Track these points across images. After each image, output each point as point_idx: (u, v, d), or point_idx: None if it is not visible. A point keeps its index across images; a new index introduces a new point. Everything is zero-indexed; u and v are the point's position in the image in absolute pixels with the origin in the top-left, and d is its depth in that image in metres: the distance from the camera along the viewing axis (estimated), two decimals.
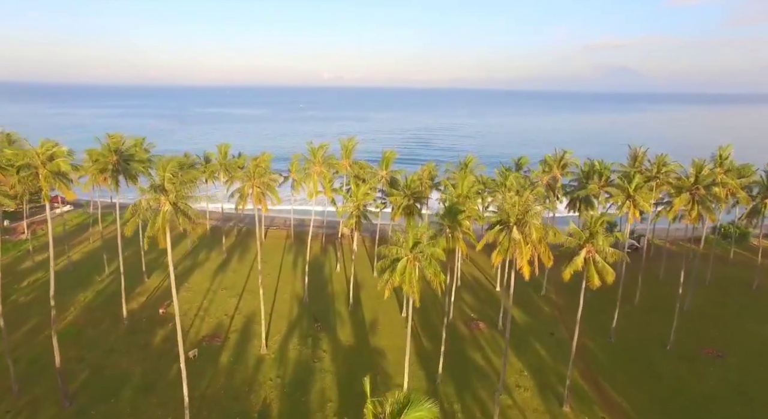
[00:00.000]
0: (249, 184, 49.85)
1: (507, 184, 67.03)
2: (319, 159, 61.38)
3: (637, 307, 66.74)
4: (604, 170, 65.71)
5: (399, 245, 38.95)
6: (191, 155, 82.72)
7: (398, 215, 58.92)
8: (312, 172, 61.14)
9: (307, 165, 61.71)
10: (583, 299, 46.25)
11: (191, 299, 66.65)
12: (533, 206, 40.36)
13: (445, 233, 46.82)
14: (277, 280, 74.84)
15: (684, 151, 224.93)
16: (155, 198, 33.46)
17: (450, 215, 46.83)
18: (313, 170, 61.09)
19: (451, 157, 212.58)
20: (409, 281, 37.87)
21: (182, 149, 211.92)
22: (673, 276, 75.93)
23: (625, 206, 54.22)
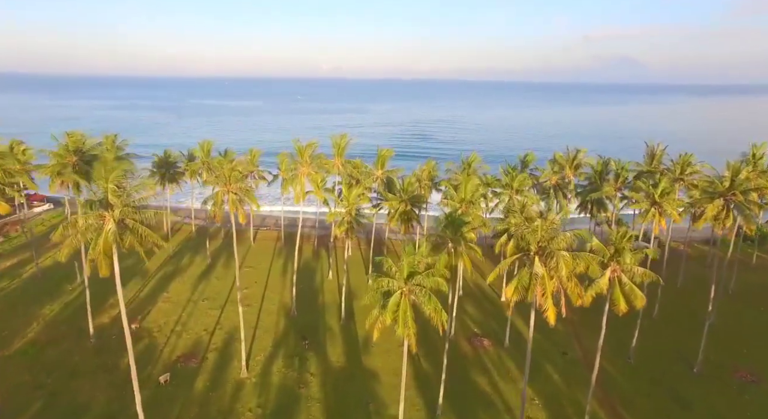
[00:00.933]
0: (224, 190, 43.99)
1: (514, 185, 61.23)
2: (307, 159, 55.53)
3: (656, 320, 61.06)
4: (622, 171, 59.71)
5: (391, 276, 33.07)
6: (173, 152, 76.75)
7: (394, 221, 53.13)
8: (299, 173, 55.26)
9: (293, 165, 55.85)
10: (602, 318, 40.53)
11: (169, 311, 60.97)
12: (559, 232, 33.93)
13: (446, 248, 41.02)
14: (264, 288, 69.21)
15: (688, 145, 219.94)
16: (97, 215, 27.54)
17: (452, 227, 40.99)
18: (301, 171, 55.22)
19: (452, 151, 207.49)
20: (404, 320, 31.95)
21: (175, 144, 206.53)
22: (693, 284, 70.39)
23: (650, 214, 48.41)
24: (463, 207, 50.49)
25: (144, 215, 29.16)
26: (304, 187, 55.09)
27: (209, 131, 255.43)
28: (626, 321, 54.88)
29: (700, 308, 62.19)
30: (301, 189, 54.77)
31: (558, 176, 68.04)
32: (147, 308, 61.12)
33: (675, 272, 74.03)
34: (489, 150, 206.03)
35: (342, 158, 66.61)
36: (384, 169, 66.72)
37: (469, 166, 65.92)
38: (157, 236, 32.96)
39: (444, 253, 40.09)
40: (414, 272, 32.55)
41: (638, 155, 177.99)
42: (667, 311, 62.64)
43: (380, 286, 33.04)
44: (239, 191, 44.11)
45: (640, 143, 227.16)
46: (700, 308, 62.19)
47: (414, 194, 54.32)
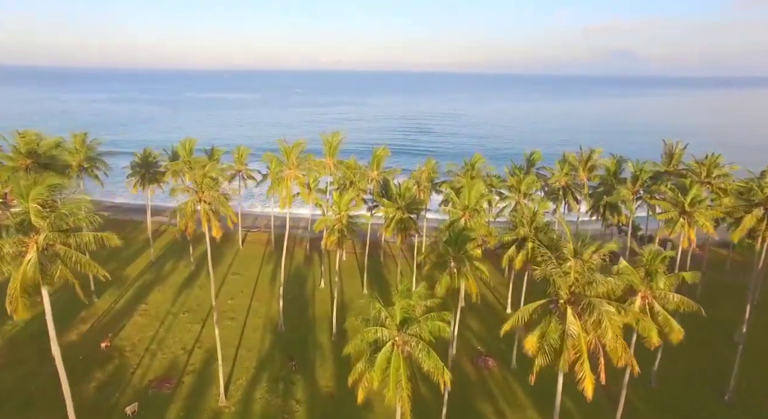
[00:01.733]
0: (195, 199, 38.74)
1: (522, 189, 55.92)
2: (294, 160, 50.22)
3: None
4: (641, 173, 54.25)
5: (381, 324, 27.67)
6: (154, 150, 71.38)
7: (390, 230, 47.91)
8: (285, 176, 50.01)
9: (278, 167, 50.61)
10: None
11: (145, 326, 55.85)
12: (597, 275, 27.36)
13: (449, 268, 35.81)
14: (250, 298, 64.16)
15: (692, 139, 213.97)
16: (16, 241, 22.26)
17: (455, 244, 35.74)
18: (287, 173, 49.96)
19: (453, 146, 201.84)
20: (396, 381, 26.15)
21: (167, 139, 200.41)
22: (714, 292, 65.12)
23: (678, 224, 43.16)
24: (466, 215, 45.25)
25: (81, 238, 23.81)
26: (290, 191, 49.85)
27: (204, 126, 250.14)
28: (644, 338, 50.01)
29: (725, 321, 57.16)
30: (287, 194, 49.51)
31: (568, 177, 62.71)
32: (121, 323, 55.99)
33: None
34: (491, 145, 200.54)
35: (334, 157, 61.34)
36: (379, 170, 61.42)
37: (472, 167, 60.51)
38: (97, 267, 27.56)
39: (446, 274, 34.90)
40: (409, 317, 27.10)
41: (644, 150, 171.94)
42: (688, 326, 57.26)
43: (366, 337, 27.63)
44: (213, 201, 38.86)
45: (644, 138, 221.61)
46: (725, 321, 57.16)
47: (412, 200, 48.99)
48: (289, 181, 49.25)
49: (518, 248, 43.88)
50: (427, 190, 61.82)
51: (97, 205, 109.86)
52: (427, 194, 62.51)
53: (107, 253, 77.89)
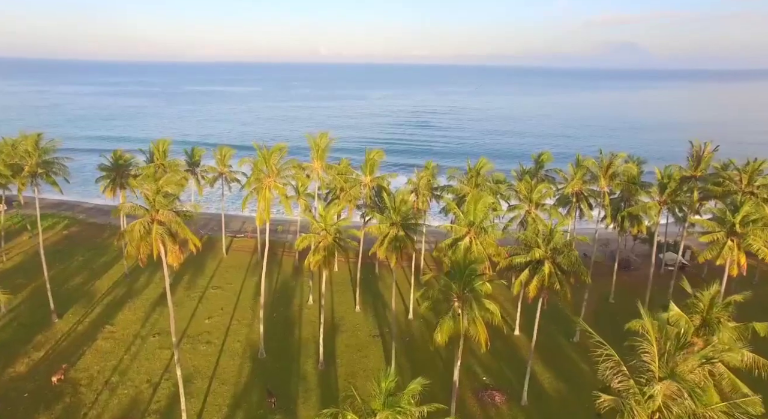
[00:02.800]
0: (147, 219, 32.32)
1: (534, 198, 49.49)
2: (273, 168, 43.79)
3: None
4: (670, 181, 47.70)
5: (357, 413, 20.78)
6: (125, 153, 64.80)
7: (384, 250, 41.55)
8: (263, 186, 43.59)
9: (256, 176, 44.22)
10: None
11: (108, 352, 49.60)
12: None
13: (451, 309, 29.50)
14: (231, 317, 57.92)
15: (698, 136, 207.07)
16: None
17: (460, 279, 29.41)
18: (264, 183, 43.55)
19: (453, 142, 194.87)
20: None
21: (154, 136, 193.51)
22: (741, 312, 59.11)
23: (725, 248, 36.85)
24: (471, 233, 38.91)
25: None
26: (269, 203, 43.45)
27: (197, 120, 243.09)
28: None
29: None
30: (265, 207, 43.12)
31: (581, 183, 56.27)
32: (81, 349, 49.70)
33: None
34: (493, 141, 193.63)
35: (323, 161, 54.91)
36: (373, 175, 54.94)
37: (477, 174, 53.94)
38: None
39: (448, 318, 28.62)
40: (394, 395, 20.50)
41: (652, 147, 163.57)
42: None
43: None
44: (168, 221, 32.49)
45: (652, 134, 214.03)
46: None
47: (408, 215, 42.56)
48: (267, 191, 42.90)
49: (532, 272, 37.62)
50: (426, 199, 55.52)
51: (75, 207, 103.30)
52: (427, 203, 56.19)
53: (77, 264, 72.13)
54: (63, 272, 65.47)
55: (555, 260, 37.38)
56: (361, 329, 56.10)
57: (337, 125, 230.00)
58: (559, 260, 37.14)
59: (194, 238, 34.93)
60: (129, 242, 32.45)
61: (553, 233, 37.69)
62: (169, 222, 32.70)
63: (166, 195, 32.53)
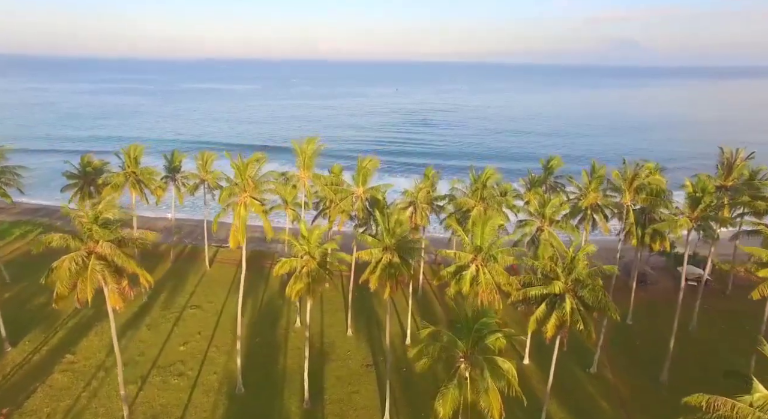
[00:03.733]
0: (81, 253, 26.51)
1: (547, 213, 43.66)
2: (249, 181, 38.03)
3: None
4: (704, 194, 41.76)
5: None
6: (94, 159, 58.99)
7: (376, 280, 35.75)
8: (239, 201, 37.88)
9: (230, 190, 38.49)
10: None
11: (64, 388, 43.85)
12: None
13: (457, 372, 23.74)
14: (208, 342, 52.19)
15: (702, 134, 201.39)
16: None
17: (468, 336, 23.66)
18: (240, 198, 37.82)
19: (454, 142, 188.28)
20: None
21: (148, 135, 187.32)
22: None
23: None
24: (477, 261, 33.14)
25: None
26: (244, 222, 37.77)
27: (192, 119, 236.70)
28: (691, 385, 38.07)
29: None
30: (239, 225, 37.43)
31: (601, 197, 50.50)
32: (33, 385, 43.90)
33: (743, 310, 57.06)
34: (495, 141, 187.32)
35: (310, 170, 49.18)
36: (366, 186, 49.12)
37: (483, 186, 48.01)
38: None
39: (452, 386, 22.87)
40: None
41: (657, 148, 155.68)
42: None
43: None
44: (111, 255, 26.69)
45: (657, 134, 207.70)
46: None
47: (404, 237, 36.71)
48: (241, 208, 37.20)
49: (550, 307, 31.88)
50: (425, 213, 49.78)
51: (54, 212, 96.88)
52: (426, 218, 50.42)
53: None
54: (26, 290, 59.70)
55: (577, 294, 31.64)
56: (353, 357, 50.41)
57: (336, 125, 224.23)
58: (582, 294, 31.41)
59: (144, 273, 29.13)
60: (58, 282, 26.62)
61: (575, 262, 31.93)
62: (111, 256, 26.88)
63: (107, 223, 26.73)
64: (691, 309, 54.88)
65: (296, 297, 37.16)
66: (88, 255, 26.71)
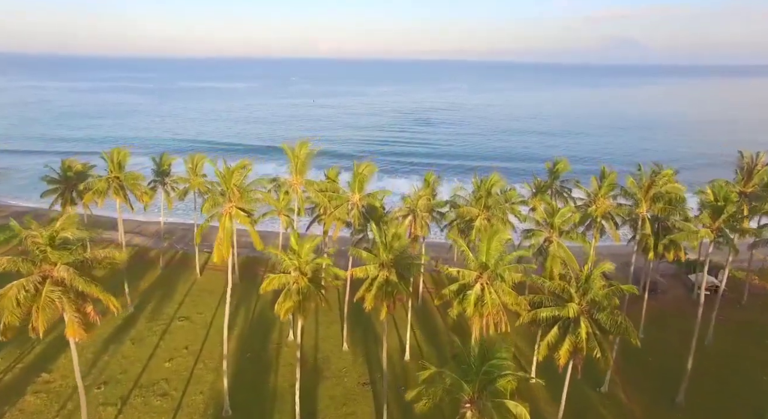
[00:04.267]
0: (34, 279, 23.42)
1: (556, 223, 40.66)
2: (234, 190, 35.02)
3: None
4: (726, 203, 38.56)
5: None
6: (77, 163, 56.02)
7: (372, 299, 32.79)
8: (223, 212, 34.93)
9: (213, 200, 35.49)
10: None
11: (35, 413, 40.91)
12: None
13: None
14: (196, 358, 49.24)
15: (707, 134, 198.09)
16: None
17: (476, 378, 20.69)
18: (225, 208, 34.89)
19: (455, 142, 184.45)
20: None
21: (144, 135, 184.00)
22: None
23: None
24: (483, 279, 30.18)
25: None
26: (229, 235, 34.78)
27: (189, 119, 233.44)
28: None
29: None
30: (223, 239, 34.44)
31: (607, 204, 47.47)
32: (2, 409, 40.95)
33: (763, 321, 54.19)
34: (497, 140, 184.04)
35: (302, 176, 46.19)
36: (362, 193, 46.10)
37: (488, 193, 44.94)
38: None
39: None
40: None
41: (663, 148, 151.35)
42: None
43: None
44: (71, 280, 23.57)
45: (660, 134, 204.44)
46: None
47: (403, 251, 33.72)
48: (226, 220, 34.24)
49: (563, 331, 28.91)
50: (425, 222, 46.77)
51: (41, 217, 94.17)
52: (426, 227, 47.35)
53: None
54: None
55: (593, 317, 28.65)
56: (349, 374, 47.47)
57: (336, 124, 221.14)
58: (598, 317, 28.44)
59: (110, 299, 26.15)
60: (6, 311, 23.58)
61: (591, 281, 28.93)
62: (69, 280, 23.88)
63: (66, 243, 23.73)
64: (707, 321, 51.87)
65: (285, 317, 34.23)
66: (42, 280, 23.72)
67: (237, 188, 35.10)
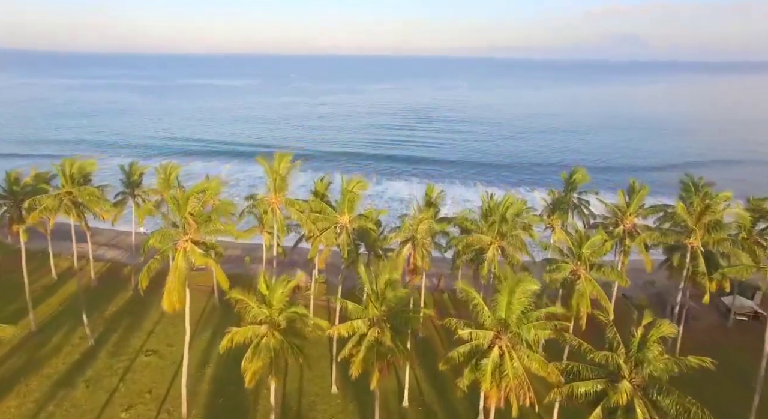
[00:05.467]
0: None
1: (585, 253, 33.54)
2: (190, 221, 27.80)
3: None
4: None
5: None
6: (39, 171, 49.03)
7: (359, 365, 25.78)
8: (177, 247, 27.92)
9: (163, 233, 28.49)
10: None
11: None
12: None
13: None
14: (160, 404, 42.29)
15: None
16: None
17: None
18: (179, 244, 27.87)
19: (457, 145, 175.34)
20: None
21: (135, 136, 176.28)
22: None
23: None
24: (503, 342, 23.18)
25: None
26: (182, 277, 27.73)
27: (185, 117, 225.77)
28: None
29: None
30: (174, 283, 27.37)
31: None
32: None
33: None
34: (502, 142, 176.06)
35: (282, 193, 39.14)
36: (352, 214, 38.97)
37: (503, 219, 37.52)
38: None
39: None
40: None
41: (668, 149, 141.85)
42: None
43: None
44: None
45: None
46: None
47: (399, 300, 26.60)
48: (179, 257, 27.20)
49: (608, 413, 21.90)
50: (426, 251, 39.57)
51: None
52: (427, 259, 40.01)
53: None
54: None
55: (650, 397, 21.64)
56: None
57: (335, 124, 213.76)
58: (658, 400, 21.43)
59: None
60: None
61: (646, 346, 21.92)
62: None
63: None
64: (744, 353, 44.78)
65: (251, 382, 27.18)
66: None
67: (194, 218, 28.04)
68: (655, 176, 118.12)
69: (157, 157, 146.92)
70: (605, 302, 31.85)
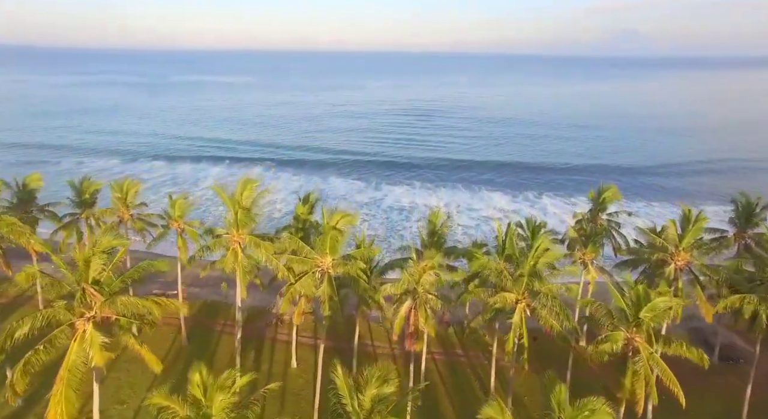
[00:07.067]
0: None
1: (644, 321, 24.96)
2: (93, 293, 19.23)
3: None
4: None
5: None
6: None
7: None
8: (77, 327, 19.40)
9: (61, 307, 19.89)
10: None
11: None
12: None
13: None
14: None
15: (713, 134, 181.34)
16: None
17: None
18: (79, 323, 19.15)
19: (460, 147, 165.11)
20: None
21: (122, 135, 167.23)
22: None
23: None
24: None
25: None
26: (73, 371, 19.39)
27: (177, 117, 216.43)
28: None
29: None
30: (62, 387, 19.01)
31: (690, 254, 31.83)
32: None
33: None
34: (507, 145, 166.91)
35: (246, 229, 30.60)
36: (336, 256, 30.36)
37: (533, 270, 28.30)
38: None
39: None
40: None
41: (669, 153, 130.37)
42: None
43: None
44: None
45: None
46: None
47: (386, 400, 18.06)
48: (77, 339, 18.65)
49: None
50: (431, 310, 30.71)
51: None
52: (431, 320, 30.93)
53: None
54: None
55: None
56: None
57: (333, 123, 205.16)
58: None
59: None
60: None
61: None
62: None
63: None
64: None
65: None
66: None
67: (97, 289, 19.45)
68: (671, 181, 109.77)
69: (145, 159, 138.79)
70: (674, 386, 23.43)
